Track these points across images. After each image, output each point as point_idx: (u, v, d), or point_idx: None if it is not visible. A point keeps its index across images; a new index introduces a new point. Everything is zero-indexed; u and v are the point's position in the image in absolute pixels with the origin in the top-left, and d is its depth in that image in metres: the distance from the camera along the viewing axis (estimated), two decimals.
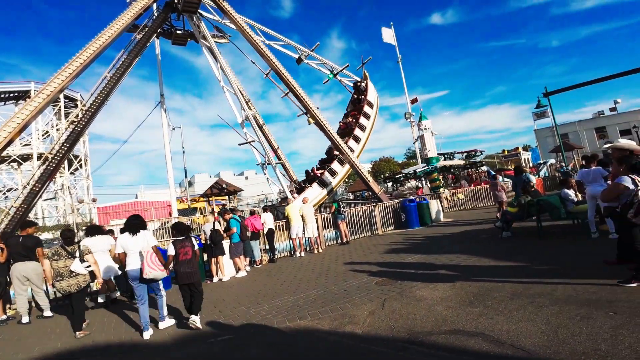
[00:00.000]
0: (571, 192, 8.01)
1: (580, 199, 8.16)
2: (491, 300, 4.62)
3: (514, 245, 8.01)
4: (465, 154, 31.08)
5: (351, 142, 18.07)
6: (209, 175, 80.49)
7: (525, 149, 48.03)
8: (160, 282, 5.52)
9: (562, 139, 22.30)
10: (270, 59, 17.16)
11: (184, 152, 23.84)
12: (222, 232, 9.16)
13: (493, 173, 23.52)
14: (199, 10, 17.88)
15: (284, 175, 19.64)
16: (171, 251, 5.45)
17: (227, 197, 35.21)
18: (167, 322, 5.54)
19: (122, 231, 5.73)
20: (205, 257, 9.53)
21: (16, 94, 29.19)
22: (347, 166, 17.82)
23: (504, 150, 45.82)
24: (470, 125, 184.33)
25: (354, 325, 4.55)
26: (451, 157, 29.36)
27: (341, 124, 21.68)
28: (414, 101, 29.06)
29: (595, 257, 5.82)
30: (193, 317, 5.28)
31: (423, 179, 26.54)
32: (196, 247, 5.73)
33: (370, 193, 19.62)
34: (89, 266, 5.85)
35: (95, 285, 7.24)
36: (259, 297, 6.67)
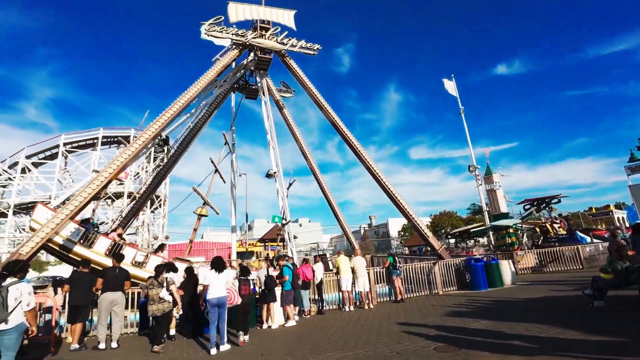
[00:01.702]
0: None
1: None
2: None
3: (608, 316, 6.72)
4: (533, 203, 23.77)
5: None
6: (267, 221, 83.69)
7: (619, 206, 41.47)
8: (225, 312, 6.83)
9: None
10: (328, 112, 18.26)
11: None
12: (275, 279, 9.23)
13: (581, 236, 20.16)
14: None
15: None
16: (236, 285, 7.33)
17: (282, 243, 35.92)
18: (226, 346, 6.71)
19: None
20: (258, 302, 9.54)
21: (118, 139, 34.87)
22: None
23: (591, 208, 40.12)
24: (546, 180, 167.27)
25: None
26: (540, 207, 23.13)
27: None
28: (486, 153, 27.68)
29: None
30: (243, 336, 7.11)
31: (492, 235, 24.12)
32: (252, 286, 7.59)
33: (429, 249, 18.32)
34: (171, 293, 7.28)
35: (175, 311, 7.96)
36: (305, 351, 6.37)
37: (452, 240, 36.23)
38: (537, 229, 22.11)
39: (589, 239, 19.32)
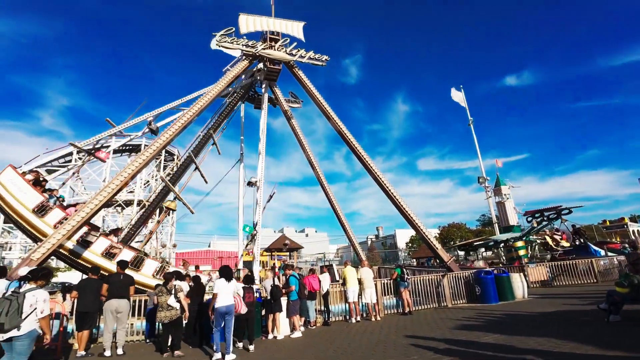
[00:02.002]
0: None
1: None
2: None
3: (624, 331, 6.51)
4: (534, 215, 22.06)
5: None
6: (273, 230, 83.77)
7: (634, 219, 40.41)
8: (232, 320, 6.87)
9: None
10: (336, 123, 18.35)
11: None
12: (281, 289, 9.18)
13: (594, 249, 19.53)
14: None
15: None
16: (240, 293, 7.40)
17: (288, 253, 35.78)
18: (232, 356, 6.64)
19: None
20: (263, 312, 9.47)
21: (130, 147, 35.45)
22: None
23: (604, 221, 39.16)
24: (558, 192, 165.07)
25: None
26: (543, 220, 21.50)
27: None
28: (498, 164, 27.37)
29: None
30: (248, 344, 7.43)
31: (502, 248, 23.69)
32: (256, 294, 7.69)
33: (438, 261, 18.01)
34: (179, 301, 7.31)
35: (183, 319, 7.87)
36: None
37: (462, 253, 35.74)
38: (538, 241, 21.66)
39: (603, 252, 18.82)
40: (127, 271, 8.62)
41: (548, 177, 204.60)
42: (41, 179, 13.76)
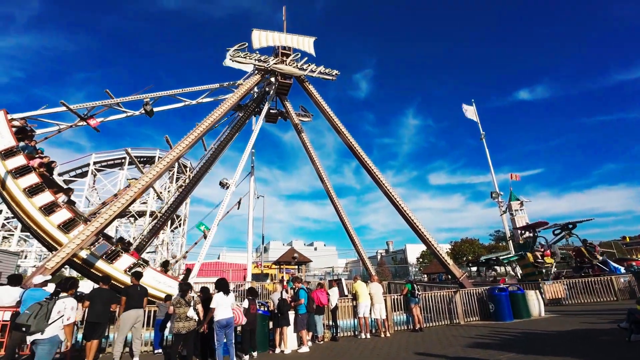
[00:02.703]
0: None
1: None
2: None
3: None
4: (522, 232, 22.73)
5: None
6: (282, 243, 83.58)
7: None
8: (234, 333, 7.06)
9: None
10: (346, 136, 18.48)
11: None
12: (289, 302, 9.10)
13: (614, 266, 18.84)
14: None
15: None
16: (246, 305, 7.93)
17: (297, 266, 35.54)
18: None
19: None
20: (271, 325, 9.37)
21: (144, 159, 36.27)
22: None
23: (624, 237, 37.76)
24: (573, 207, 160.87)
25: None
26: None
27: None
28: (512, 177, 26.80)
29: None
30: (254, 354, 7.86)
31: (515, 264, 23.04)
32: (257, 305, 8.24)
33: (450, 277, 17.61)
34: (198, 312, 7.35)
35: (200, 330, 7.88)
36: None
37: (474, 268, 34.89)
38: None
39: (622, 269, 18.16)
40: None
41: (564, 193, 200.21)
42: (28, 128, 13.83)
